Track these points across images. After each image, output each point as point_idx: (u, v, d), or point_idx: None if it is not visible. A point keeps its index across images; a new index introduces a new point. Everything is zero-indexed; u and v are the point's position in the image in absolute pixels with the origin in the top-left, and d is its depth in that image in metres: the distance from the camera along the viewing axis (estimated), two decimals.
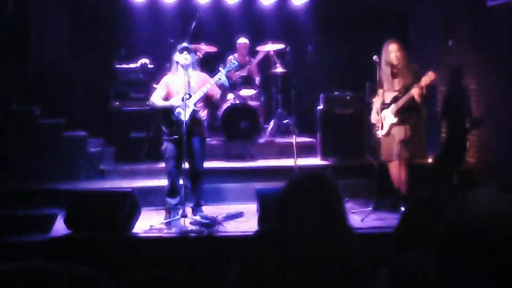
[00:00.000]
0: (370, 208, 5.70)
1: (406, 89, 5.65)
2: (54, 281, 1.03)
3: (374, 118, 5.94)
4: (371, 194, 5.93)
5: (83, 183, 6.34)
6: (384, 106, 5.80)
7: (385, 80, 5.78)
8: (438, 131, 7.17)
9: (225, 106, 7.37)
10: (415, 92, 5.50)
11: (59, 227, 5.19)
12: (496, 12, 6.02)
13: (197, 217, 5.45)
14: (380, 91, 5.88)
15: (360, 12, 8.36)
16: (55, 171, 6.43)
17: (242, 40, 8.08)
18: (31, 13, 7.10)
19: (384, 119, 5.79)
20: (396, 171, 5.68)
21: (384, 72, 5.78)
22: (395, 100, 5.71)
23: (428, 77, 5.45)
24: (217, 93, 5.59)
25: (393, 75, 5.77)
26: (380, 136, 5.85)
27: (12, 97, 6.65)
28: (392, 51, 5.68)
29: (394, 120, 5.71)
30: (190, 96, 5.34)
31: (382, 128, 5.80)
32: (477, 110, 6.57)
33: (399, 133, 5.68)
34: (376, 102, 5.90)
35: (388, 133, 5.77)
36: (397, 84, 5.74)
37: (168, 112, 5.47)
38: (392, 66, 5.73)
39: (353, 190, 6.00)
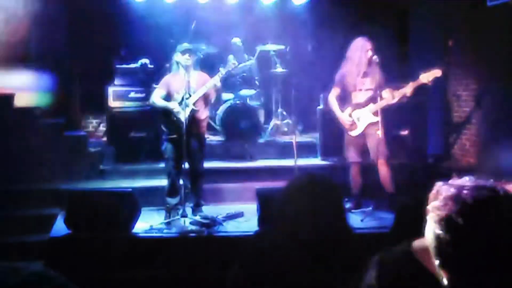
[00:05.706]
0: (370, 208, 5.69)
1: (378, 87, 5.48)
2: None
3: (346, 119, 5.65)
4: (371, 194, 5.92)
5: (83, 183, 6.33)
6: (357, 106, 5.61)
7: (354, 78, 5.58)
8: (435, 131, 7.18)
9: (225, 106, 7.37)
10: (411, 87, 5.31)
11: (59, 227, 5.19)
12: (496, 12, 6.02)
13: (197, 217, 5.45)
14: (337, 89, 5.68)
15: (360, 12, 8.35)
16: (55, 171, 6.43)
17: (235, 40, 8.11)
18: (31, 13, 7.09)
19: (358, 119, 5.62)
20: (382, 170, 5.59)
21: (354, 70, 5.57)
22: (371, 100, 5.54)
23: (431, 74, 5.23)
24: (213, 93, 5.64)
25: (364, 74, 5.58)
26: (353, 136, 5.68)
27: (12, 97, 6.64)
28: (368, 49, 5.52)
29: (375, 119, 5.53)
30: (190, 95, 5.36)
31: (356, 128, 5.64)
32: (475, 109, 6.57)
33: (376, 132, 5.50)
34: (334, 100, 5.68)
35: (363, 133, 5.63)
36: (369, 83, 5.57)
37: (168, 112, 5.47)
38: (366, 64, 5.55)
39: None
